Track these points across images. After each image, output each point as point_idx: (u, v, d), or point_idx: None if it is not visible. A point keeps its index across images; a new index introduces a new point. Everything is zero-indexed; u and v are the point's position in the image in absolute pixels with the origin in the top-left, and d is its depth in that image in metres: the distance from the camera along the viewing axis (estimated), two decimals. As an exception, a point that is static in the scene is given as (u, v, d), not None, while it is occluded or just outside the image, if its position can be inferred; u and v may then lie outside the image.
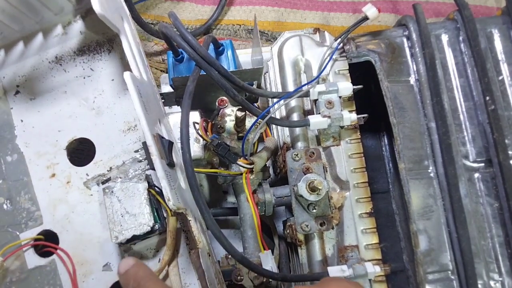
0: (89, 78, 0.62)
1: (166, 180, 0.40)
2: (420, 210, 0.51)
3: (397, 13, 0.78)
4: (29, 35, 0.61)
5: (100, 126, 0.61)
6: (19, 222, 0.59)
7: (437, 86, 0.54)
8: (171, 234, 0.52)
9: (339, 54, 0.56)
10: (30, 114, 0.61)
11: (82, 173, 0.60)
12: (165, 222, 0.54)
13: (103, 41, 0.62)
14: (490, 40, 0.56)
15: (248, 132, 0.50)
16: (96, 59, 0.62)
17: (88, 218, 0.58)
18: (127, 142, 0.60)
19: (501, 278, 0.50)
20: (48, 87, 0.62)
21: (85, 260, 0.57)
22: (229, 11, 0.79)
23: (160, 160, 0.41)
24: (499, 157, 0.51)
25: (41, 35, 0.62)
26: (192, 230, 0.43)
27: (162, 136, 0.45)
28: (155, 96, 0.52)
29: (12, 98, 0.62)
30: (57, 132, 0.61)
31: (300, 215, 0.49)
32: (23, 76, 0.62)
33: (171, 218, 0.53)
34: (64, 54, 0.62)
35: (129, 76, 0.41)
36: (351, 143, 0.54)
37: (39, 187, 0.59)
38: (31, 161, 0.60)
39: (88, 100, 0.61)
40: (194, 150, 0.54)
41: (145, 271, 0.40)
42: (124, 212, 0.54)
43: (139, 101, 0.41)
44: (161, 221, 0.54)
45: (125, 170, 0.58)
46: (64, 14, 0.61)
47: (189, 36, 0.45)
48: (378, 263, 0.50)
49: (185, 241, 0.55)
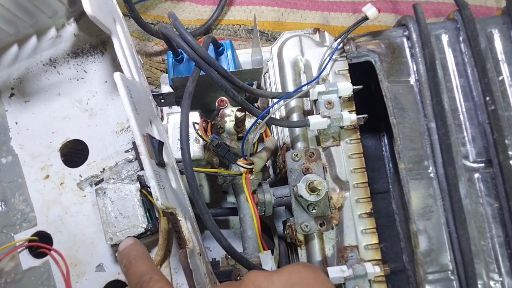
0: (82, 80, 0.63)
1: (154, 179, 0.40)
2: (420, 210, 0.51)
3: (397, 13, 0.78)
4: (23, 38, 0.62)
5: (93, 128, 0.61)
6: (14, 223, 0.59)
7: (437, 86, 0.54)
8: (163, 235, 0.53)
9: (339, 54, 0.56)
10: (24, 116, 0.62)
11: (75, 175, 0.60)
12: (157, 222, 0.55)
13: (96, 43, 0.63)
14: (490, 40, 0.56)
15: (248, 132, 0.50)
16: (90, 61, 0.63)
17: (81, 219, 0.59)
18: (120, 143, 0.61)
19: (501, 278, 0.50)
20: (42, 89, 0.63)
21: (78, 261, 0.58)
22: (229, 11, 0.79)
23: (149, 159, 0.41)
24: (499, 157, 0.51)
25: (35, 37, 0.62)
26: (182, 230, 0.44)
27: (153, 136, 0.45)
28: (148, 98, 0.52)
29: (6, 100, 0.62)
30: (51, 134, 0.61)
31: (300, 215, 0.49)
32: (18, 79, 0.63)
33: (162, 219, 0.53)
34: (58, 57, 0.63)
35: (119, 76, 0.41)
36: (351, 143, 0.54)
37: (33, 189, 0.60)
38: (25, 163, 0.61)
39: (82, 102, 0.62)
40: (194, 150, 0.54)
41: (138, 251, 0.42)
42: (118, 213, 0.54)
43: (128, 101, 0.41)
44: (153, 222, 0.55)
45: (118, 171, 0.59)
46: (58, 17, 0.62)
47: (188, 37, 0.45)
48: (378, 263, 0.50)
49: (177, 241, 0.56)
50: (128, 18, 0.72)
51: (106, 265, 0.58)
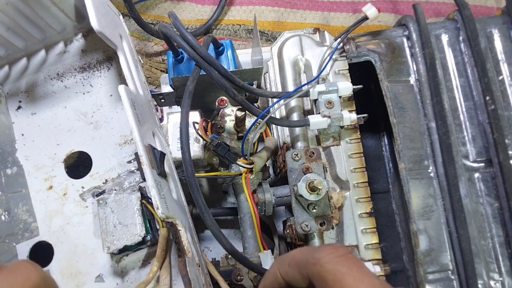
0: (88, 94, 0.64)
1: (155, 188, 0.40)
2: (420, 210, 0.51)
3: (397, 13, 0.78)
4: (32, 52, 0.64)
5: (97, 140, 0.63)
6: (16, 233, 0.60)
7: (437, 86, 0.54)
8: (162, 246, 0.53)
9: (339, 54, 0.56)
10: (30, 128, 0.63)
11: (78, 186, 0.61)
12: (157, 233, 0.55)
13: (103, 59, 0.65)
14: (490, 40, 0.56)
15: (248, 132, 0.50)
16: (96, 76, 0.65)
17: (83, 230, 0.60)
18: (123, 155, 0.62)
19: (501, 278, 0.49)
20: (49, 103, 0.64)
21: (78, 271, 0.59)
22: (229, 11, 0.79)
23: (150, 169, 0.41)
24: (499, 157, 0.51)
25: (44, 52, 0.64)
26: (181, 240, 0.44)
27: (154, 147, 0.46)
28: (151, 111, 0.53)
29: (14, 113, 0.64)
30: (56, 146, 0.63)
31: (300, 215, 0.49)
32: (25, 92, 0.64)
33: (162, 230, 0.53)
34: (65, 71, 0.65)
35: (123, 89, 0.42)
36: (351, 143, 0.54)
37: (36, 199, 0.61)
38: (30, 174, 0.62)
39: (87, 115, 0.64)
40: (194, 150, 0.53)
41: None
42: (117, 222, 0.55)
43: (132, 112, 0.42)
44: (153, 233, 0.55)
45: (120, 183, 0.60)
46: (67, 33, 0.64)
47: (189, 36, 0.45)
48: (378, 263, 0.50)
49: (177, 253, 0.56)
50: (128, 18, 0.72)
51: (105, 276, 0.58)
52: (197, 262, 0.46)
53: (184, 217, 0.48)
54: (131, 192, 0.56)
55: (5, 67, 0.63)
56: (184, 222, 0.46)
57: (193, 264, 0.46)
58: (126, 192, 0.56)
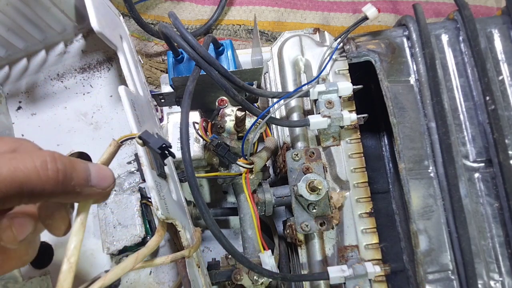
0: (88, 94, 0.65)
1: (155, 189, 0.40)
2: (420, 210, 0.51)
3: (397, 13, 0.78)
4: (32, 53, 0.64)
5: (97, 140, 0.63)
6: None
7: (437, 86, 0.54)
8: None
9: (339, 54, 0.56)
10: (30, 129, 0.63)
11: None
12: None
13: (103, 59, 0.65)
14: (490, 40, 0.56)
15: (248, 132, 0.50)
16: (96, 77, 0.65)
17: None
18: (123, 156, 0.62)
19: (501, 278, 0.49)
20: (49, 103, 0.64)
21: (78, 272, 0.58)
22: (229, 11, 0.79)
23: (150, 170, 0.41)
24: (499, 157, 0.51)
25: (44, 52, 0.64)
26: (181, 241, 0.44)
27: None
28: (151, 112, 0.53)
29: (14, 113, 0.64)
30: (56, 146, 0.63)
31: (300, 215, 0.49)
32: (25, 92, 0.64)
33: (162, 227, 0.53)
34: (66, 71, 0.65)
35: (123, 89, 0.42)
36: (351, 143, 0.54)
37: None
38: None
39: (87, 116, 0.64)
40: (194, 150, 0.54)
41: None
42: (117, 223, 0.55)
43: (132, 113, 0.42)
44: (152, 233, 0.55)
45: (120, 183, 0.60)
46: (67, 34, 0.64)
47: (189, 36, 0.45)
48: (378, 263, 0.50)
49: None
50: (128, 18, 0.73)
51: None
52: (196, 263, 0.46)
53: (184, 218, 0.48)
54: (131, 193, 0.56)
55: (5, 68, 0.63)
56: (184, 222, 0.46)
57: (193, 265, 0.46)
58: (126, 193, 0.56)
